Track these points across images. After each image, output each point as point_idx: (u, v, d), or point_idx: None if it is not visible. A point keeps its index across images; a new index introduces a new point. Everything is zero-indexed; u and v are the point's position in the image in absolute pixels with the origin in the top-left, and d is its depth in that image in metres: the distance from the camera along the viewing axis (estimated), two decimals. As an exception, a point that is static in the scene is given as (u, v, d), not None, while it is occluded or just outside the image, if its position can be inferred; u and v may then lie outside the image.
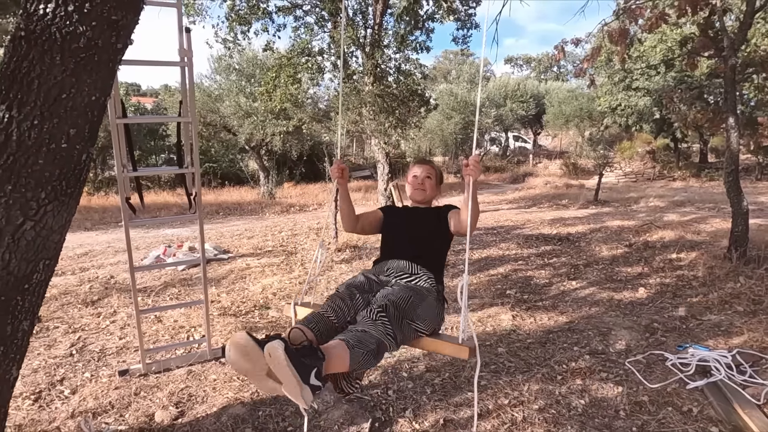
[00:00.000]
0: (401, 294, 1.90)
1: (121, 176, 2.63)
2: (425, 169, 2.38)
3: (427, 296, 2.00)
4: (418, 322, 1.88)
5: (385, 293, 1.91)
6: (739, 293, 4.51)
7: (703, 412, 2.73)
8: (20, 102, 1.68)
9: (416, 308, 1.89)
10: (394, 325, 1.77)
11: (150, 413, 2.62)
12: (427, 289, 2.06)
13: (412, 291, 1.96)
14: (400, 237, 2.28)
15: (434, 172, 2.41)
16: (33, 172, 1.70)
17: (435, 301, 2.04)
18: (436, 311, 2.01)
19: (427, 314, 1.94)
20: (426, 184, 2.35)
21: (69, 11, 1.70)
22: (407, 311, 1.85)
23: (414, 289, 1.99)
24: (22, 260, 1.72)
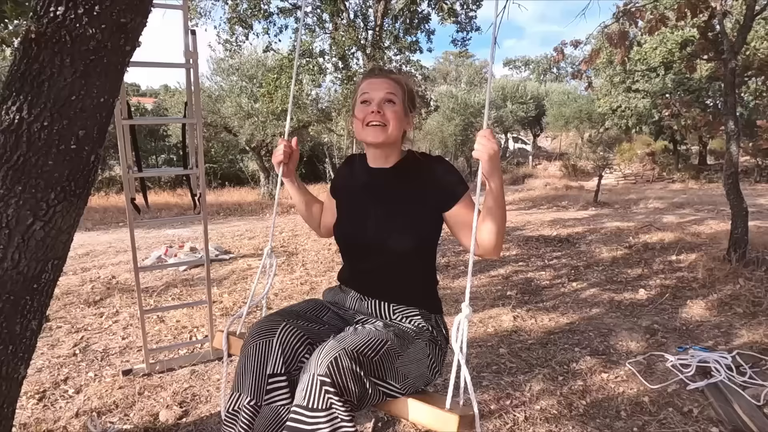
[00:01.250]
0: (371, 338, 1.24)
1: (127, 177, 2.65)
2: (382, 84, 1.42)
3: (411, 343, 1.35)
4: (391, 382, 1.24)
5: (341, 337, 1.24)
6: (738, 295, 4.53)
7: (703, 412, 2.75)
8: (30, 103, 1.70)
9: (392, 359, 1.25)
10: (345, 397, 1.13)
11: (154, 413, 2.64)
12: (415, 329, 1.42)
13: (389, 334, 1.31)
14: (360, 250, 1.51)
15: (400, 90, 1.45)
16: (43, 172, 1.72)
17: (424, 350, 1.38)
18: (422, 365, 1.34)
19: (408, 370, 1.29)
20: (387, 113, 1.41)
21: (79, 14, 1.72)
22: (372, 366, 1.20)
23: (393, 331, 1.35)
24: (31, 260, 1.74)
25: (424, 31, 8.65)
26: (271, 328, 1.33)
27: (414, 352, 1.34)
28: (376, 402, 1.25)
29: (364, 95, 1.45)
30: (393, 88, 1.44)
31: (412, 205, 1.43)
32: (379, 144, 1.45)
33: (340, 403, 1.12)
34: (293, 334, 1.31)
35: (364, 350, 1.20)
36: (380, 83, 1.43)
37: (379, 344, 1.24)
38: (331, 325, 1.47)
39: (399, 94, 1.44)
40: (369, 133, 1.43)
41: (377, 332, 1.29)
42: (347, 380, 1.14)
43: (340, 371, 1.13)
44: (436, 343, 1.44)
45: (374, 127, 1.41)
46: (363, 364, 1.18)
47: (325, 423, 1.12)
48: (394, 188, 1.47)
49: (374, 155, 1.52)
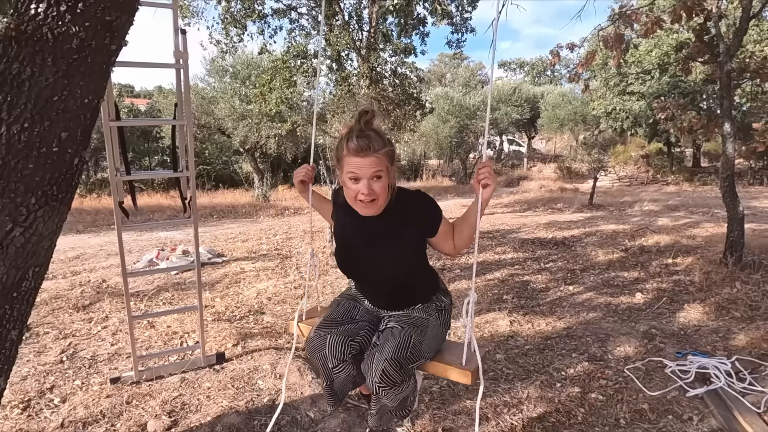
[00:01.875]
0: (401, 337, 1.65)
1: (115, 180, 2.58)
2: (370, 164, 1.54)
3: (428, 324, 1.74)
4: (422, 359, 1.69)
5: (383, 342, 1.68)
6: (735, 299, 4.50)
7: (703, 420, 2.70)
8: (10, 104, 1.63)
9: (418, 346, 1.66)
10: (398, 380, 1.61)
11: (142, 423, 2.56)
12: (424, 316, 1.77)
13: (413, 327, 1.70)
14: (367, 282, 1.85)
15: (385, 163, 1.57)
16: (23, 176, 1.64)
17: (437, 323, 1.78)
18: (439, 334, 1.78)
19: (431, 345, 1.72)
20: (376, 190, 1.57)
21: (62, 11, 1.65)
22: (411, 357, 1.63)
23: (415, 323, 1.73)
24: (11, 267, 1.67)
25: (419, 33, 8.60)
26: (321, 345, 1.71)
27: (431, 331, 1.73)
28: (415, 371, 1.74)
29: (351, 173, 1.57)
30: (379, 164, 1.56)
31: (401, 237, 1.69)
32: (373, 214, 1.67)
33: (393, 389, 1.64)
34: (338, 342, 1.70)
35: (400, 353, 1.60)
36: (368, 163, 1.54)
37: (408, 342, 1.64)
38: (364, 320, 1.83)
39: (384, 165, 1.58)
40: (360, 208, 1.64)
41: (403, 330, 1.68)
42: (394, 378, 1.60)
43: (388, 376, 1.59)
44: (443, 309, 1.83)
45: (366, 204, 1.61)
46: (401, 363, 1.60)
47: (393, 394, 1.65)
48: (385, 228, 1.69)
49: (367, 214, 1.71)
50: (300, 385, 2.94)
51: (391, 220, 1.68)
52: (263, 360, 3.27)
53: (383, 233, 1.69)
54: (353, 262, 1.79)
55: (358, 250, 1.75)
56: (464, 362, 1.68)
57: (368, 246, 1.71)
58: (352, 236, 1.76)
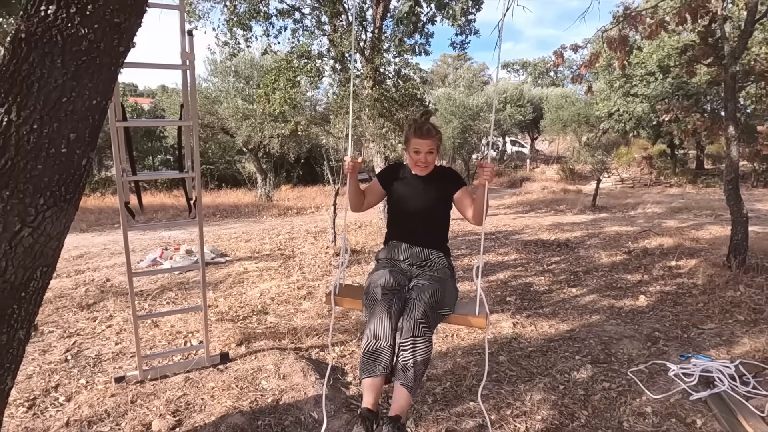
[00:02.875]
0: (431, 291, 2.13)
1: (121, 180, 2.59)
2: (428, 144, 2.35)
3: (446, 281, 2.26)
4: (446, 308, 2.18)
5: (419, 295, 2.12)
6: (739, 302, 4.49)
7: (707, 424, 2.70)
8: (19, 105, 1.64)
9: (444, 298, 2.16)
10: (432, 326, 2.09)
11: (147, 422, 2.57)
12: (443, 273, 2.31)
13: (437, 283, 2.19)
14: (410, 218, 2.43)
15: (436, 144, 2.40)
16: (32, 177, 1.65)
17: (451, 280, 2.34)
18: (454, 290, 2.32)
19: (451, 298, 2.23)
20: (429, 159, 2.37)
21: (71, 13, 1.67)
22: (438, 305, 2.13)
23: (437, 279, 2.22)
24: (19, 268, 1.68)
25: (424, 34, 8.59)
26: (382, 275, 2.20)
27: (449, 287, 2.26)
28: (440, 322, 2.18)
29: (415, 148, 2.35)
30: (433, 145, 2.36)
31: (436, 191, 2.41)
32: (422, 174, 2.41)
33: (428, 330, 2.05)
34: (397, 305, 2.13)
35: (433, 300, 2.10)
36: (426, 143, 2.33)
37: (437, 293, 2.14)
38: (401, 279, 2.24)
39: (436, 146, 2.39)
40: (418, 170, 2.41)
41: (432, 285, 2.16)
42: (431, 318, 2.07)
43: (427, 315, 2.05)
44: (454, 273, 2.43)
45: (422, 167, 2.38)
46: (434, 306, 2.10)
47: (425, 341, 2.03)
48: (426, 184, 2.42)
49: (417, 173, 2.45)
50: (303, 386, 2.95)
51: (432, 179, 2.43)
52: (267, 360, 3.28)
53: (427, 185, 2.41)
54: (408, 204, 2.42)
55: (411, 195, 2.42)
56: (477, 312, 2.17)
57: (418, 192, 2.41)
58: (408, 188, 2.43)
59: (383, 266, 2.34)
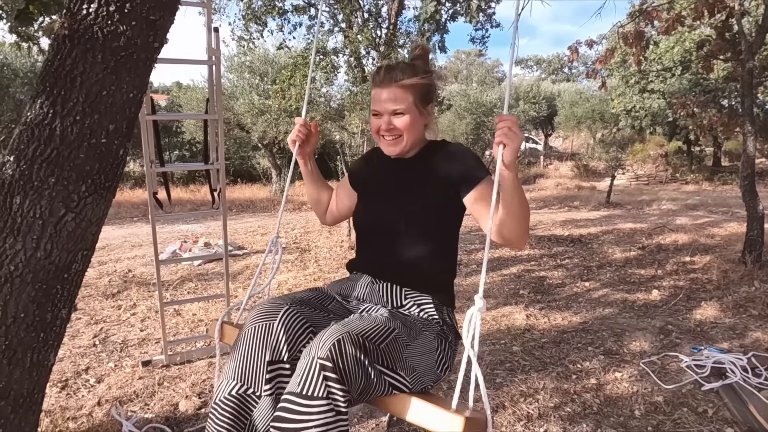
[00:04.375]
0: (377, 324, 1.18)
1: (150, 172, 2.71)
2: (390, 95, 1.37)
3: (419, 335, 1.28)
4: (400, 373, 1.15)
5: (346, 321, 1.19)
6: (753, 297, 4.51)
7: (718, 413, 2.75)
8: (63, 98, 1.75)
9: (401, 349, 1.19)
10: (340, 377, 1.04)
11: (174, 402, 2.69)
12: (424, 320, 1.35)
13: (397, 323, 1.26)
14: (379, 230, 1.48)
15: (409, 95, 1.38)
16: (75, 165, 1.76)
17: (434, 339, 1.31)
18: (434, 356, 1.28)
19: (418, 362, 1.22)
20: (397, 125, 1.39)
21: (110, 11, 1.77)
22: (383, 353, 1.13)
23: (402, 320, 1.30)
24: (62, 250, 1.79)
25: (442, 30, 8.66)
26: (273, 311, 1.26)
27: (422, 344, 1.26)
28: (380, 394, 1.12)
29: (374, 106, 1.43)
30: (399, 98, 1.38)
31: (428, 189, 1.42)
32: (398, 154, 1.46)
33: (341, 393, 1.02)
34: (297, 319, 1.24)
35: (371, 335, 1.12)
36: (386, 95, 1.39)
37: (386, 331, 1.17)
38: (336, 314, 1.38)
39: (407, 101, 1.39)
40: (384, 145, 1.46)
41: (384, 319, 1.23)
42: (351, 365, 1.04)
43: (343, 355, 1.04)
44: (446, 338, 1.36)
45: (389, 141, 1.43)
46: (369, 350, 1.09)
47: (319, 414, 1.01)
48: (411, 175, 1.47)
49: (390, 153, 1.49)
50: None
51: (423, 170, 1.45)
52: (286, 347, 3.38)
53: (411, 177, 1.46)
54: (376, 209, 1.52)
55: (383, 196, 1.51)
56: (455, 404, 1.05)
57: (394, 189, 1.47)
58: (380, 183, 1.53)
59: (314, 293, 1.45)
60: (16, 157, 1.72)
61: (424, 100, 1.43)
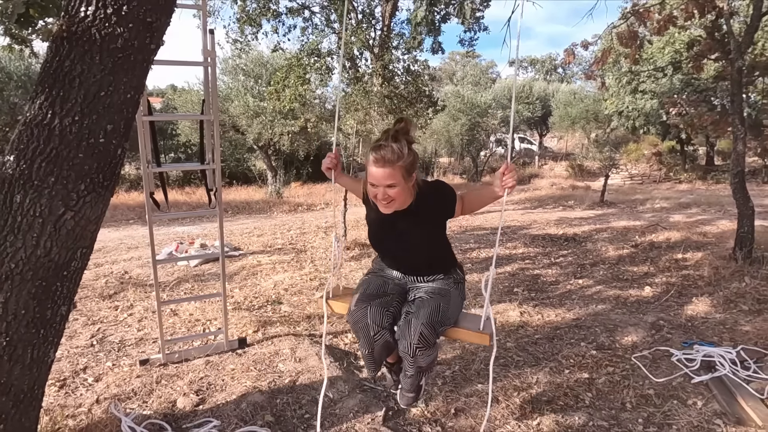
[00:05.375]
0: (430, 307, 1.90)
1: (146, 172, 2.74)
2: (384, 174, 1.79)
3: (450, 294, 1.99)
4: (448, 323, 1.95)
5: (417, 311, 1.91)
6: (744, 293, 4.57)
7: (707, 405, 2.80)
8: (62, 99, 1.78)
9: (446, 312, 1.92)
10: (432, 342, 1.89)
11: (172, 400, 2.72)
12: (446, 285, 2.03)
13: (439, 297, 1.96)
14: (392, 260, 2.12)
15: (398, 173, 1.80)
16: (74, 165, 1.80)
17: (457, 293, 2.04)
18: (459, 304, 2.04)
19: (454, 312, 1.98)
20: (391, 194, 1.83)
21: (108, 14, 1.81)
22: (440, 322, 1.89)
23: (439, 292, 1.99)
24: (62, 248, 1.83)
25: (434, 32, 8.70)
26: (363, 316, 1.96)
27: (453, 300, 1.99)
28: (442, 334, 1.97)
29: (370, 180, 1.85)
30: (391, 176, 1.80)
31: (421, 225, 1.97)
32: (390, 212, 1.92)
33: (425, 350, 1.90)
34: (377, 313, 1.95)
35: (432, 317, 1.87)
36: (381, 174, 1.80)
37: (438, 309, 1.91)
38: (394, 292, 2.06)
39: (398, 175, 1.81)
40: (381, 207, 1.90)
41: (432, 300, 1.94)
42: (429, 339, 1.87)
43: (425, 338, 1.86)
44: (460, 282, 2.10)
45: (384, 205, 1.88)
46: (434, 326, 1.87)
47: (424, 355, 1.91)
48: (408, 220, 1.96)
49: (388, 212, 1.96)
50: (319, 368, 3.08)
51: (417, 212, 1.94)
52: (283, 345, 3.42)
53: (407, 223, 1.96)
54: (383, 243, 2.13)
55: (387, 235, 2.05)
56: (482, 327, 1.98)
57: (395, 234, 2.00)
58: (382, 225, 2.03)
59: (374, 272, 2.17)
60: (16, 156, 1.75)
61: (409, 172, 1.85)
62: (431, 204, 1.94)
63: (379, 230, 2.08)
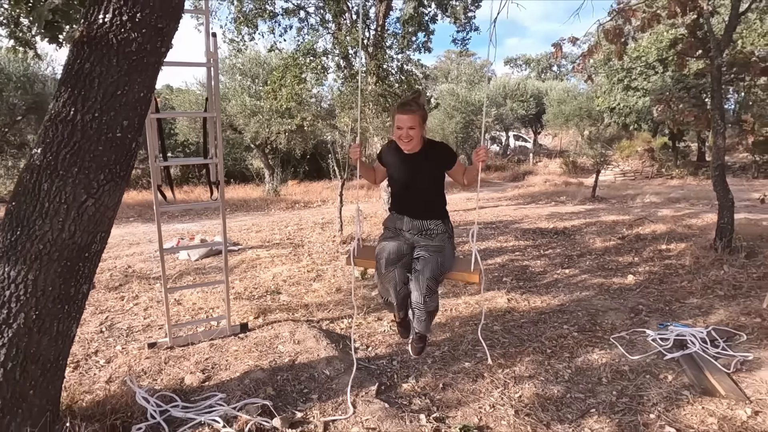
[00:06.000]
0: (432, 264, 2.46)
1: (154, 165, 2.94)
2: (408, 119, 2.47)
3: (444, 248, 2.55)
4: (446, 271, 2.53)
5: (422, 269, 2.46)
6: (721, 280, 4.80)
7: (677, 378, 3.02)
8: (83, 97, 1.98)
9: (444, 264, 2.50)
10: (436, 290, 2.48)
11: (180, 378, 2.93)
12: (441, 240, 2.58)
13: (437, 254, 2.50)
14: (406, 195, 2.66)
15: (417, 119, 2.50)
16: (94, 156, 2.00)
17: (449, 244, 2.60)
18: (452, 252, 2.61)
19: (450, 262, 2.56)
20: (411, 134, 2.49)
21: (123, 20, 2.01)
22: (440, 273, 2.48)
23: (437, 249, 2.52)
24: (84, 232, 2.03)
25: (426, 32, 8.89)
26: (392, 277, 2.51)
27: (447, 253, 2.55)
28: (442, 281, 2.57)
29: (398, 124, 2.49)
30: (414, 120, 2.47)
31: (429, 169, 2.57)
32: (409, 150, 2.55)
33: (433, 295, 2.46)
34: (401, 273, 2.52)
35: (434, 272, 2.44)
36: (406, 118, 2.46)
37: (438, 264, 2.46)
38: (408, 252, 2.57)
39: (417, 121, 2.48)
40: (402, 145, 2.54)
41: (433, 257, 2.47)
42: (433, 288, 2.44)
43: (430, 288, 2.43)
44: (452, 236, 2.66)
45: (406, 142, 2.51)
46: (436, 277, 2.46)
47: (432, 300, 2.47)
48: (420, 161, 2.56)
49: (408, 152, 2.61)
50: (316, 349, 3.29)
51: (423, 156, 2.57)
52: (282, 329, 3.63)
53: (419, 163, 2.57)
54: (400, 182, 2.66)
55: (405, 174, 2.62)
56: (472, 269, 2.51)
57: (410, 171, 2.60)
58: (401, 166, 2.63)
59: (389, 236, 2.66)
60: (43, 149, 1.96)
61: (423, 121, 2.53)
62: (437, 152, 2.58)
63: (398, 170, 2.64)
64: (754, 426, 2.51)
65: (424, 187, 2.61)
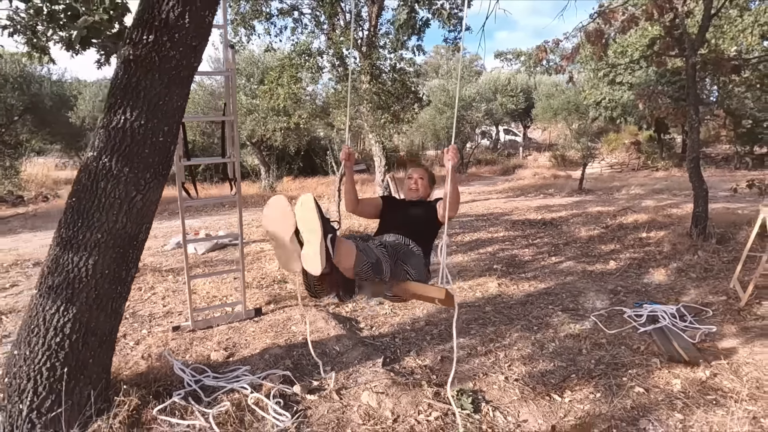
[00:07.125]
0: (397, 243, 2.53)
1: (179, 165, 3.26)
2: (419, 171, 2.97)
3: (416, 255, 2.55)
4: (408, 267, 2.43)
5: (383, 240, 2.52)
6: (695, 264, 5.20)
7: (649, 348, 3.40)
8: (132, 107, 2.31)
9: (408, 258, 2.46)
10: (390, 258, 2.35)
11: (206, 355, 3.26)
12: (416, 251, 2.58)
13: (405, 247, 2.54)
14: (395, 221, 2.78)
15: (426, 174, 2.97)
16: (142, 158, 2.33)
17: (422, 261, 2.58)
18: (422, 267, 2.54)
19: (415, 266, 2.47)
20: (419, 184, 2.91)
21: (164, 40, 2.33)
22: (400, 256, 2.44)
23: (407, 246, 2.56)
24: (133, 223, 2.36)
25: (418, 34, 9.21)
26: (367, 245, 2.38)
27: (417, 260, 2.55)
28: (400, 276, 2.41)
29: (409, 174, 2.98)
30: (424, 174, 2.96)
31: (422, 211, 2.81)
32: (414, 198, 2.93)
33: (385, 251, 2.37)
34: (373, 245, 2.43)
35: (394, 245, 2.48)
36: (417, 170, 2.98)
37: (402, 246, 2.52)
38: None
39: (426, 177, 2.97)
40: (409, 194, 2.95)
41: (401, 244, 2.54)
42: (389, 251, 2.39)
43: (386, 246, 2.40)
44: (426, 265, 2.65)
45: (412, 189, 2.94)
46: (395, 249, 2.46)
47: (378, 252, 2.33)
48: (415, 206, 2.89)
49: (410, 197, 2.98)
50: (326, 329, 3.64)
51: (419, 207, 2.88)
52: (293, 312, 3.97)
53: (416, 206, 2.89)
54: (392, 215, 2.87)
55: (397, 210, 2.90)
56: (439, 283, 2.31)
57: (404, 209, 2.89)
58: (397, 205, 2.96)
59: None
60: (98, 153, 2.28)
61: (431, 182, 3.01)
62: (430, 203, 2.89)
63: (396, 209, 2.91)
64: (712, 385, 2.89)
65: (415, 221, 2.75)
